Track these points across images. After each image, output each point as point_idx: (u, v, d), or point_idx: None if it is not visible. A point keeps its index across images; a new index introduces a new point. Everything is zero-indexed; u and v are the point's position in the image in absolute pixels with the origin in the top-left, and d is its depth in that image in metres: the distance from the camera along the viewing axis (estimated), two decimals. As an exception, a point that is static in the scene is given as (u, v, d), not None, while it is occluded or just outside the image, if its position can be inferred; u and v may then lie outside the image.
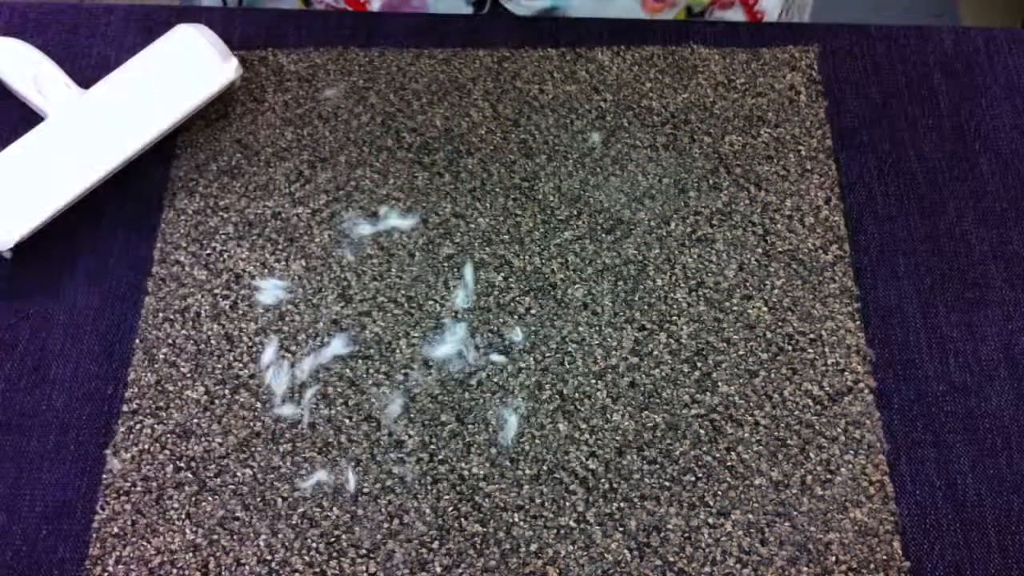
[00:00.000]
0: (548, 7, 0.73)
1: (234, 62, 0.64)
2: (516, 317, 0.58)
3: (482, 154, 0.64)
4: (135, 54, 0.64)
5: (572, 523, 0.53)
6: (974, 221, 0.62)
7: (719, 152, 0.64)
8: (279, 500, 0.53)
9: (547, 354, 0.57)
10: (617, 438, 0.55)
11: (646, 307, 0.59)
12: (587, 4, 0.72)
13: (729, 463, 0.54)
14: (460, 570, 0.52)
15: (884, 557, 0.52)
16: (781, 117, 0.65)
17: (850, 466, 0.54)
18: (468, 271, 0.60)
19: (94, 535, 0.53)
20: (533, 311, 0.59)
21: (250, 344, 0.58)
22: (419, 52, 0.68)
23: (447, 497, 0.53)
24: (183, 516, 0.53)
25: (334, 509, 0.53)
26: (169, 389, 0.57)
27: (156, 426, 0.56)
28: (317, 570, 0.52)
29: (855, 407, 0.56)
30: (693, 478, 0.54)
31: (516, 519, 0.53)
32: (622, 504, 0.53)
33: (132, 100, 0.62)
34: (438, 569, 0.52)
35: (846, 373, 0.57)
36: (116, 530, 0.53)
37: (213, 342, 0.58)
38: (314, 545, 0.52)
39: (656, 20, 0.70)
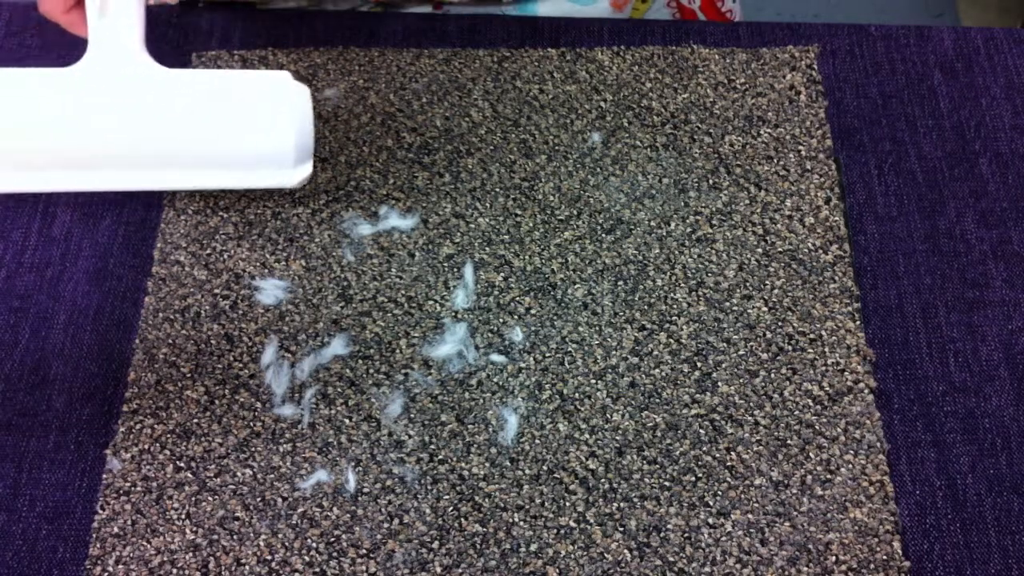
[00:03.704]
0: None
1: (308, 168, 0.56)
2: (516, 317, 0.58)
3: (482, 154, 0.64)
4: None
5: (572, 523, 0.53)
6: (974, 221, 0.62)
7: (719, 152, 0.64)
8: (279, 500, 0.54)
9: (547, 354, 0.57)
10: (617, 438, 0.55)
11: (646, 307, 0.59)
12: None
13: (729, 463, 0.54)
14: (460, 570, 0.52)
15: (884, 557, 0.52)
16: (781, 117, 0.65)
17: (850, 466, 0.54)
18: (468, 271, 0.60)
19: (94, 535, 0.53)
20: (533, 311, 0.59)
21: (250, 344, 0.58)
22: (419, 52, 0.68)
23: (447, 497, 0.53)
24: (183, 516, 0.53)
25: (334, 509, 0.53)
26: (169, 389, 0.57)
27: (156, 426, 0.56)
28: (317, 570, 0.52)
29: (855, 407, 0.56)
30: (693, 478, 0.54)
31: (516, 519, 0.53)
32: (622, 504, 0.53)
33: (184, 124, 0.51)
34: (438, 569, 0.52)
35: (846, 373, 0.57)
36: (116, 530, 0.53)
37: (213, 342, 0.58)
38: (314, 545, 0.52)
39: (656, 20, 0.70)
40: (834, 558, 0.52)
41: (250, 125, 0.53)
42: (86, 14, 0.51)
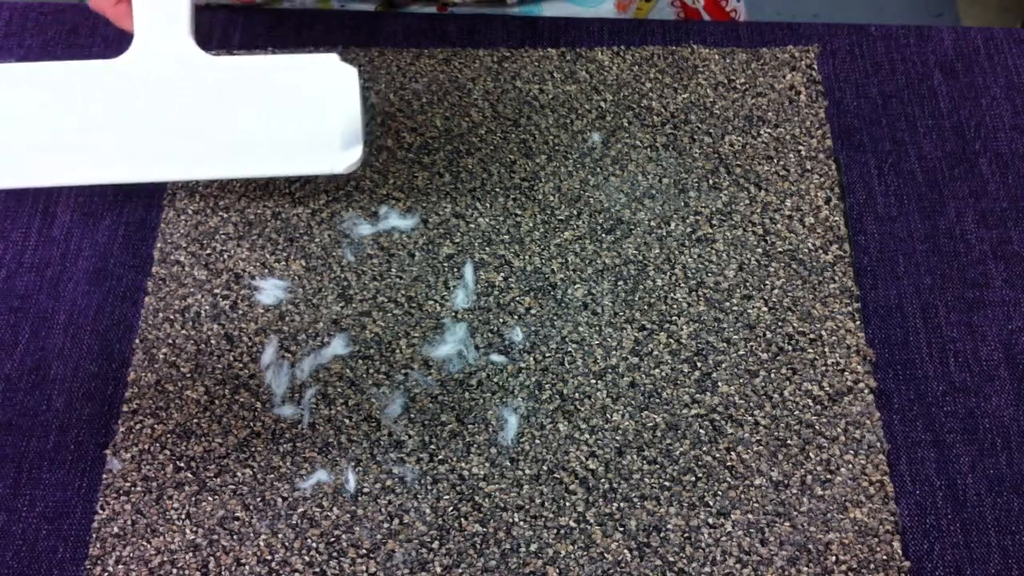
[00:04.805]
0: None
1: (358, 152, 0.54)
2: (516, 317, 0.58)
3: (482, 154, 0.64)
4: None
5: (572, 523, 0.53)
6: (974, 221, 0.62)
7: (719, 152, 0.64)
8: (279, 500, 0.54)
9: (547, 354, 0.57)
10: (617, 438, 0.55)
11: (646, 307, 0.59)
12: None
13: (729, 463, 0.54)
14: (460, 570, 0.52)
15: (884, 557, 0.52)
16: (781, 117, 0.65)
17: (850, 466, 0.54)
18: (468, 271, 0.60)
19: (94, 535, 0.53)
20: (533, 311, 0.59)
21: (250, 344, 0.58)
22: (419, 52, 0.68)
23: (447, 497, 0.53)
24: (183, 516, 0.53)
25: (334, 509, 0.53)
26: (169, 389, 0.57)
27: (156, 426, 0.56)
28: (317, 570, 0.52)
29: (855, 407, 0.56)
30: (693, 478, 0.54)
31: (516, 519, 0.53)
32: (622, 504, 0.53)
33: (232, 112, 0.50)
34: (438, 569, 0.52)
35: (846, 373, 0.57)
36: (116, 530, 0.53)
37: (213, 342, 0.58)
38: (314, 545, 0.52)
39: (656, 20, 0.70)
40: (834, 558, 0.52)
41: (297, 110, 0.52)
42: (132, 4, 0.51)
